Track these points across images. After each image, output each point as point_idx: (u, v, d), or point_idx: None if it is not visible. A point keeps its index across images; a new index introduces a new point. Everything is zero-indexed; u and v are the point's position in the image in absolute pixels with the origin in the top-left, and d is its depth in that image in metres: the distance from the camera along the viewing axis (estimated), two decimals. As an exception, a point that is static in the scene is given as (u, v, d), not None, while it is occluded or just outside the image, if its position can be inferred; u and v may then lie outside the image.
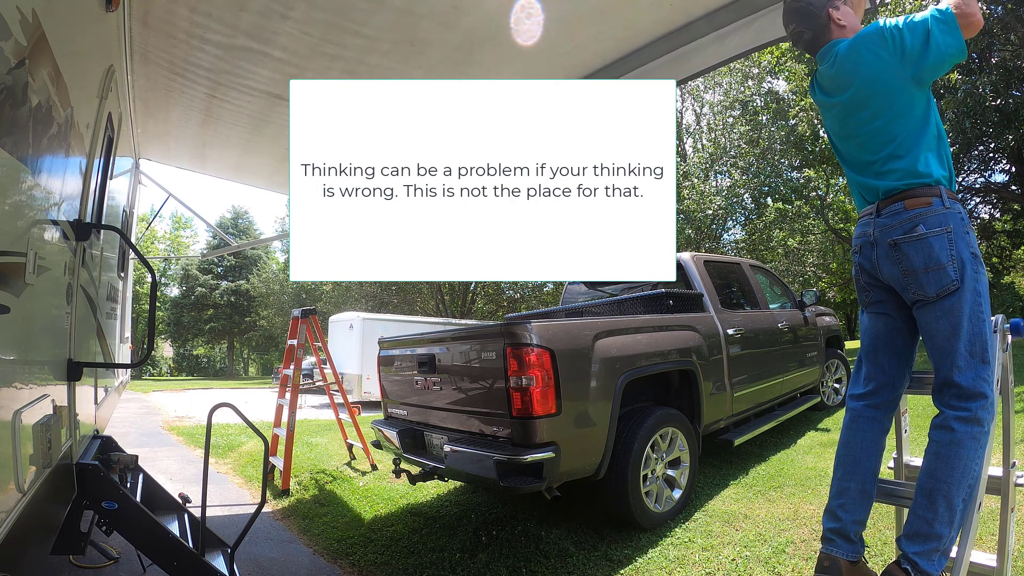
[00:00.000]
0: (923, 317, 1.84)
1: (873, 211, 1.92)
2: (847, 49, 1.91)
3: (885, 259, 1.88)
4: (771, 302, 5.33)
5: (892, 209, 1.85)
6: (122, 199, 3.57)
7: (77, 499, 1.92)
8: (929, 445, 1.77)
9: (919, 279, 1.79)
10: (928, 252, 1.76)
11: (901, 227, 1.82)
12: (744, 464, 4.25)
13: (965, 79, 10.62)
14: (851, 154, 2.01)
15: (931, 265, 1.76)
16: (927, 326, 1.83)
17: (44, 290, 1.49)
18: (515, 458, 2.60)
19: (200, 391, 19.47)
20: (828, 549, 1.88)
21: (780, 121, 15.46)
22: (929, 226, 1.77)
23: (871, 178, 1.92)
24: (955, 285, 1.73)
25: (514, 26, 2.46)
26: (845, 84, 1.92)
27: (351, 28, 2.77)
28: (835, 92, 1.98)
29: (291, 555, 3.30)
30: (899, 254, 1.82)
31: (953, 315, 1.75)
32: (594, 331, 3.08)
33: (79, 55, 1.76)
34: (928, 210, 1.79)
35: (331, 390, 5.85)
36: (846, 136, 2.01)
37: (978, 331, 1.74)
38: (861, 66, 1.86)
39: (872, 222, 1.92)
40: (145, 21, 2.60)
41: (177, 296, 39.98)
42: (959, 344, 1.74)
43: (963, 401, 1.73)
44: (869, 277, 2.00)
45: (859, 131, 1.93)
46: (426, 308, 25.87)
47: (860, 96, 1.89)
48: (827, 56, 1.98)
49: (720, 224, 17.53)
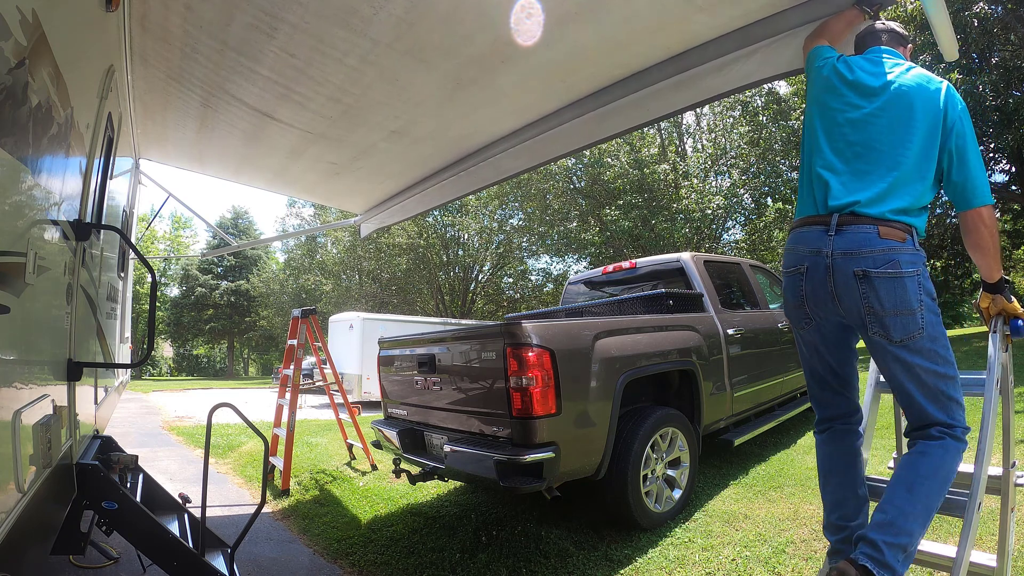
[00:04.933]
0: (883, 356, 1.72)
1: (828, 225, 1.73)
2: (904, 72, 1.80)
3: (846, 289, 1.70)
4: (771, 302, 5.33)
5: (860, 231, 1.67)
6: (122, 199, 3.57)
7: (77, 499, 1.92)
8: (911, 450, 1.72)
9: (883, 320, 1.65)
10: (903, 295, 1.63)
11: (873, 257, 1.65)
12: (744, 464, 4.25)
13: (965, 79, 10.62)
14: (845, 148, 1.81)
15: (901, 308, 1.63)
16: (889, 368, 1.72)
17: (44, 290, 1.49)
18: (515, 458, 2.60)
19: (200, 391, 19.47)
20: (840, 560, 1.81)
21: (780, 121, 15.45)
22: (904, 264, 1.64)
23: (852, 187, 1.74)
24: (920, 333, 1.64)
25: (514, 26, 2.45)
26: (886, 95, 1.79)
27: (334, 56, 2.79)
28: (868, 95, 1.82)
29: (291, 555, 3.30)
30: (867, 288, 1.65)
31: (919, 364, 1.66)
32: (594, 331, 3.08)
33: (79, 55, 1.76)
34: (902, 246, 1.65)
35: (331, 390, 5.85)
36: (858, 130, 1.81)
37: (943, 371, 1.67)
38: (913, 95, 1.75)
39: (826, 239, 1.73)
40: (143, 24, 2.59)
41: (177, 296, 39.99)
42: (929, 393, 1.66)
43: (941, 429, 1.68)
44: (814, 297, 1.80)
45: (878, 139, 1.76)
46: (426, 308, 25.87)
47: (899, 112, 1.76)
48: (884, 62, 1.86)
49: (720, 224, 17.53)
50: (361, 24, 2.53)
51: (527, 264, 25.91)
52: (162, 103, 3.47)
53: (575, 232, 19.45)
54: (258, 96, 3.25)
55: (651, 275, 4.83)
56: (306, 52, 2.77)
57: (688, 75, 2.78)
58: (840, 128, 1.84)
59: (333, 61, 2.85)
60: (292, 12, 2.45)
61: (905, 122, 1.73)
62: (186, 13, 2.49)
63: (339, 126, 3.66)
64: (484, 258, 24.76)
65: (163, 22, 2.58)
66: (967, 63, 11.09)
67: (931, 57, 10.53)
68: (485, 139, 3.90)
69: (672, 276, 4.62)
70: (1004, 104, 10.67)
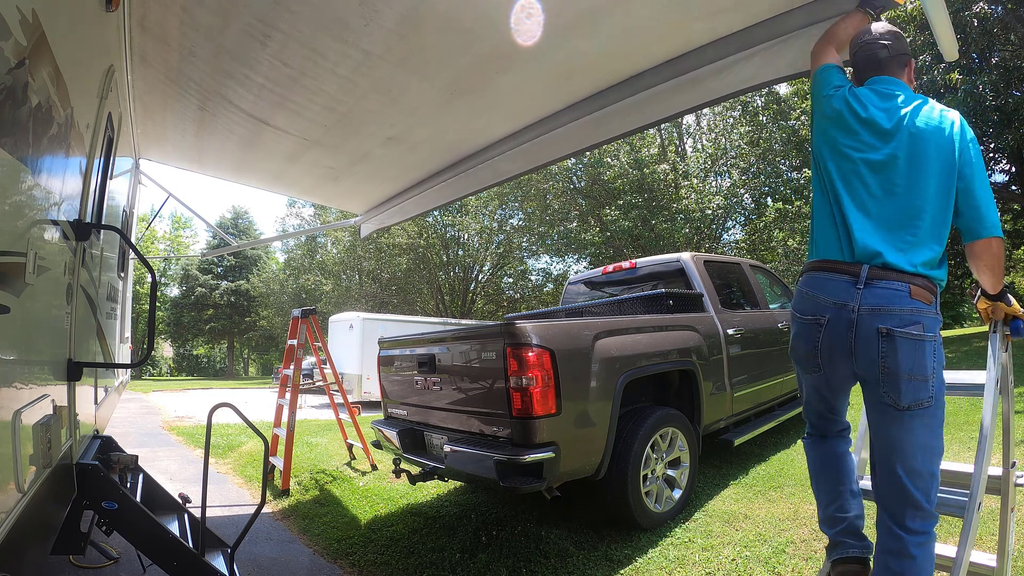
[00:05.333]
0: (885, 419, 1.65)
1: (857, 276, 1.64)
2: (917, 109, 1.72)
3: (865, 345, 1.62)
4: (771, 302, 5.33)
5: (891, 288, 1.59)
6: (122, 199, 3.56)
7: (77, 499, 1.92)
8: (891, 548, 1.62)
9: (897, 383, 1.58)
10: (920, 359, 1.56)
11: (900, 317, 1.57)
12: (744, 464, 4.25)
13: (965, 79, 10.62)
14: (862, 191, 1.72)
15: (916, 374, 1.57)
16: (887, 431, 1.65)
17: (44, 290, 1.49)
18: (515, 458, 2.60)
19: (200, 391, 19.47)
20: (843, 553, 1.81)
21: (780, 121, 15.45)
22: (926, 328, 1.57)
23: (880, 235, 1.65)
24: (929, 401, 1.58)
25: (514, 26, 2.45)
26: (903, 137, 1.71)
27: (326, 66, 2.80)
28: (884, 135, 1.73)
29: (291, 555, 3.30)
30: (888, 347, 1.58)
31: (920, 432, 1.60)
32: (594, 331, 3.08)
33: (79, 55, 1.76)
34: (927, 309, 1.59)
35: (331, 390, 5.85)
36: (876, 173, 1.72)
37: (937, 447, 1.62)
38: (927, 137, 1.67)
39: (854, 292, 1.64)
40: (143, 24, 2.59)
41: (177, 296, 39.99)
42: (919, 463, 1.60)
43: (921, 522, 1.60)
44: (830, 350, 1.71)
45: (899, 184, 1.68)
46: (426, 308, 25.87)
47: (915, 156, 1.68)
48: (893, 96, 1.76)
49: (720, 224, 17.52)
50: (352, 36, 2.53)
51: (527, 264, 25.91)
52: (161, 104, 3.47)
53: (575, 232, 19.44)
54: (253, 102, 3.26)
55: (651, 275, 4.83)
56: (299, 61, 2.77)
57: (687, 78, 2.77)
58: (856, 168, 1.75)
59: (326, 71, 2.85)
60: (284, 21, 2.45)
61: (921, 166, 1.66)
62: (183, 16, 2.49)
63: (334, 134, 3.66)
64: (484, 258, 24.76)
65: (161, 24, 2.58)
66: (967, 63, 11.08)
67: (931, 57, 10.53)
68: (483, 142, 3.91)
69: (672, 276, 4.62)
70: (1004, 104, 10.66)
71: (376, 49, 2.64)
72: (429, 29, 2.47)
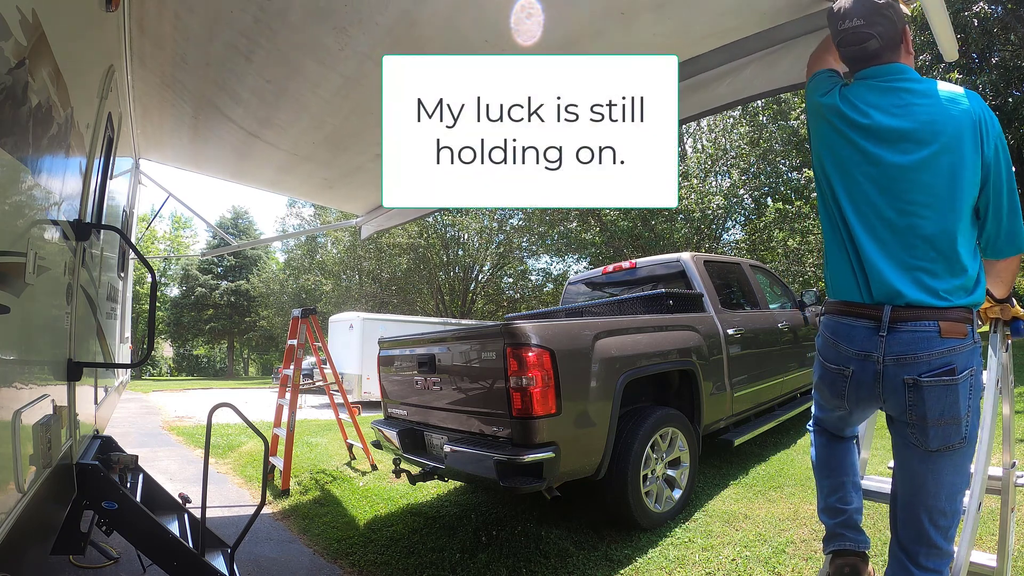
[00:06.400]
0: (909, 457, 1.53)
1: (879, 321, 1.44)
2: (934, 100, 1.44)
3: (893, 394, 1.46)
4: (771, 302, 5.33)
5: (918, 331, 1.39)
6: (122, 199, 3.56)
7: (77, 499, 1.92)
8: None
9: (925, 428, 1.43)
10: (953, 403, 1.39)
11: (929, 362, 1.39)
12: (744, 464, 4.25)
13: (965, 79, 10.63)
14: (871, 214, 1.48)
15: (946, 418, 1.41)
16: (910, 469, 1.53)
17: (44, 290, 1.49)
18: (515, 458, 2.60)
19: (200, 391, 19.47)
20: (840, 545, 1.77)
21: (780, 121, 15.45)
22: (960, 368, 1.39)
23: (902, 266, 1.43)
24: (962, 443, 1.43)
25: (514, 26, 2.45)
26: (924, 139, 1.43)
27: (307, 85, 2.81)
28: (897, 141, 1.46)
29: (291, 555, 3.30)
30: (915, 397, 1.42)
31: (945, 473, 1.48)
32: (594, 331, 3.08)
33: (79, 55, 1.76)
34: (961, 344, 1.39)
35: (331, 390, 5.85)
36: (889, 189, 1.46)
37: (962, 482, 1.51)
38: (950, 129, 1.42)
39: (877, 341, 1.45)
40: (142, 26, 2.59)
41: (177, 296, 39.97)
42: (943, 503, 1.48)
43: (936, 561, 1.50)
44: (858, 400, 1.58)
45: (919, 199, 1.43)
46: (426, 308, 25.86)
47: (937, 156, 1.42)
48: (899, 91, 1.50)
49: (720, 224, 17.52)
50: (330, 59, 2.54)
51: (527, 264, 25.90)
52: (159, 107, 3.47)
53: (575, 232, 19.44)
54: (242, 115, 3.26)
55: (651, 275, 4.83)
56: (281, 79, 2.78)
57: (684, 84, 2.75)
58: (862, 188, 1.51)
59: (307, 91, 2.86)
60: (265, 37, 2.45)
61: (944, 171, 1.40)
62: (175, 22, 2.49)
63: (323, 149, 3.67)
64: (484, 258, 24.75)
65: (158, 25, 2.58)
66: (967, 63, 11.10)
67: (931, 57, 10.54)
68: None
69: (672, 276, 4.62)
70: (1004, 104, 10.68)
71: (353, 73, 2.64)
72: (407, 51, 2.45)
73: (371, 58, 2.48)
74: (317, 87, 2.80)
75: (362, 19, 2.24)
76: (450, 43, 2.39)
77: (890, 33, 1.51)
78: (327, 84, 2.77)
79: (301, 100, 2.95)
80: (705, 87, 2.63)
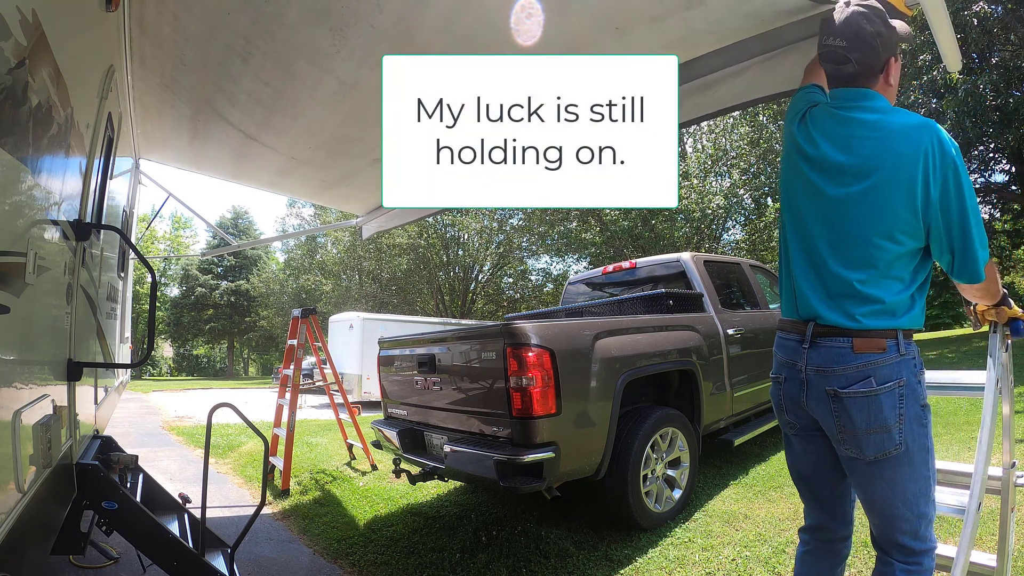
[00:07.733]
0: (855, 471, 1.56)
1: (803, 337, 1.55)
2: (881, 135, 1.46)
3: (819, 405, 1.54)
4: (771, 302, 5.33)
5: (833, 345, 1.50)
6: (122, 199, 3.57)
7: (77, 499, 1.92)
8: None
9: (857, 439, 1.48)
10: (877, 412, 1.45)
11: (846, 376, 1.47)
12: (744, 464, 4.25)
13: (965, 79, 10.62)
14: (813, 245, 1.57)
15: (875, 427, 1.46)
16: (859, 482, 1.56)
17: (44, 290, 1.49)
18: (515, 458, 2.60)
19: (200, 391, 19.47)
20: None
21: (780, 121, 15.46)
22: (880, 380, 1.45)
23: (823, 290, 1.53)
24: (898, 449, 1.46)
25: (514, 26, 2.45)
26: (861, 173, 1.48)
27: (304, 89, 2.80)
28: (837, 175, 1.52)
29: (291, 555, 3.30)
30: (839, 408, 1.49)
31: (893, 480, 1.49)
32: (594, 331, 3.08)
33: (79, 55, 1.76)
34: (881, 358, 1.45)
35: (331, 390, 5.85)
36: (825, 219, 1.54)
37: (923, 490, 1.51)
38: (886, 159, 1.44)
39: (801, 352, 1.56)
40: (142, 26, 2.59)
41: (177, 296, 39.99)
42: (900, 509, 1.50)
43: (911, 556, 1.52)
44: (794, 406, 1.64)
45: (850, 230, 1.49)
46: (426, 308, 25.87)
47: (873, 191, 1.45)
48: (851, 122, 1.52)
49: (720, 224, 17.53)
50: (325, 61, 2.53)
51: (527, 264, 25.92)
52: (158, 108, 3.47)
53: (575, 232, 19.45)
54: (240, 118, 3.26)
55: (651, 275, 4.83)
56: (278, 82, 2.77)
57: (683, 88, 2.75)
58: (801, 214, 1.61)
59: (304, 95, 2.85)
60: (262, 39, 2.44)
61: (878, 204, 1.45)
62: (174, 22, 2.48)
63: (321, 154, 3.66)
64: (484, 258, 24.75)
65: (157, 26, 2.57)
66: (967, 63, 11.09)
67: (931, 57, 10.54)
68: None
69: (672, 276, 4.62)
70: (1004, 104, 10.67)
71: (349, 78, 2.64)
72: None
73: (367, 63, 2.48)
74: (314, 91, 2.80)
75: (358, 21, 2.24)
76: (448, 47, 2.38)
77: (868, 61, 1.52)
78: (323, 88, 2.77)
79: (298, 104, 2.95)
80: (705, 91, 2.63)
